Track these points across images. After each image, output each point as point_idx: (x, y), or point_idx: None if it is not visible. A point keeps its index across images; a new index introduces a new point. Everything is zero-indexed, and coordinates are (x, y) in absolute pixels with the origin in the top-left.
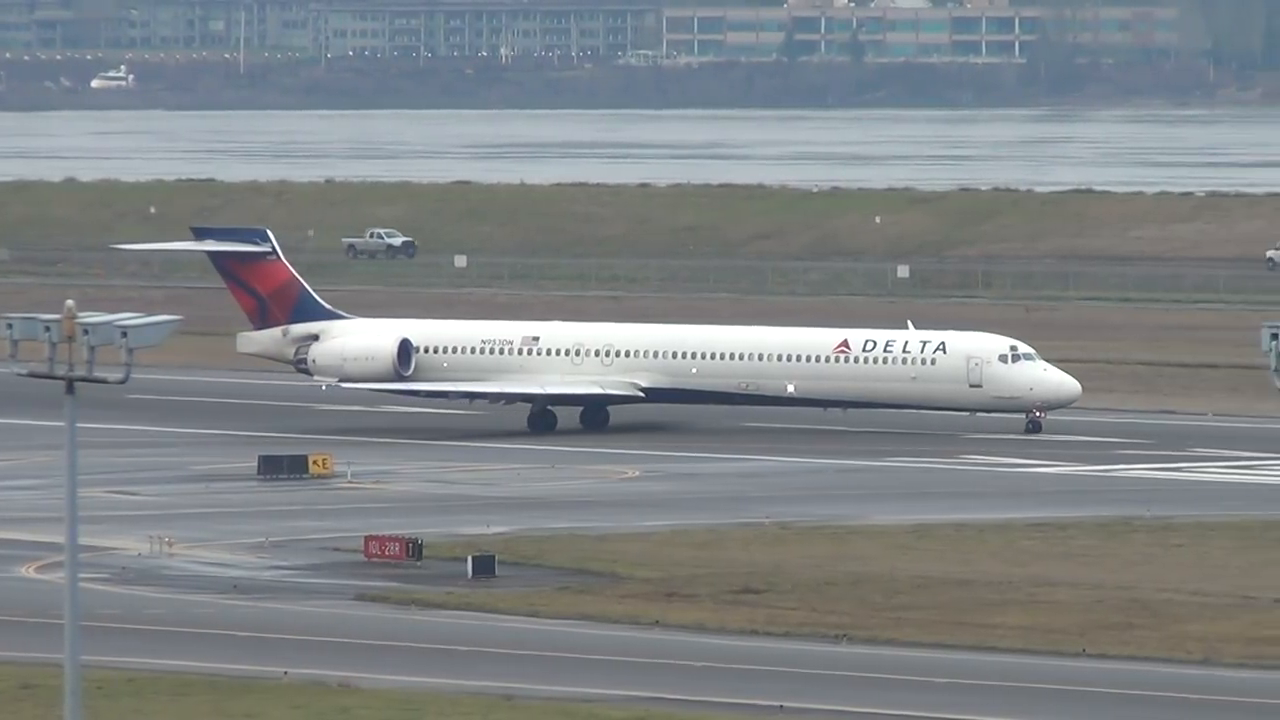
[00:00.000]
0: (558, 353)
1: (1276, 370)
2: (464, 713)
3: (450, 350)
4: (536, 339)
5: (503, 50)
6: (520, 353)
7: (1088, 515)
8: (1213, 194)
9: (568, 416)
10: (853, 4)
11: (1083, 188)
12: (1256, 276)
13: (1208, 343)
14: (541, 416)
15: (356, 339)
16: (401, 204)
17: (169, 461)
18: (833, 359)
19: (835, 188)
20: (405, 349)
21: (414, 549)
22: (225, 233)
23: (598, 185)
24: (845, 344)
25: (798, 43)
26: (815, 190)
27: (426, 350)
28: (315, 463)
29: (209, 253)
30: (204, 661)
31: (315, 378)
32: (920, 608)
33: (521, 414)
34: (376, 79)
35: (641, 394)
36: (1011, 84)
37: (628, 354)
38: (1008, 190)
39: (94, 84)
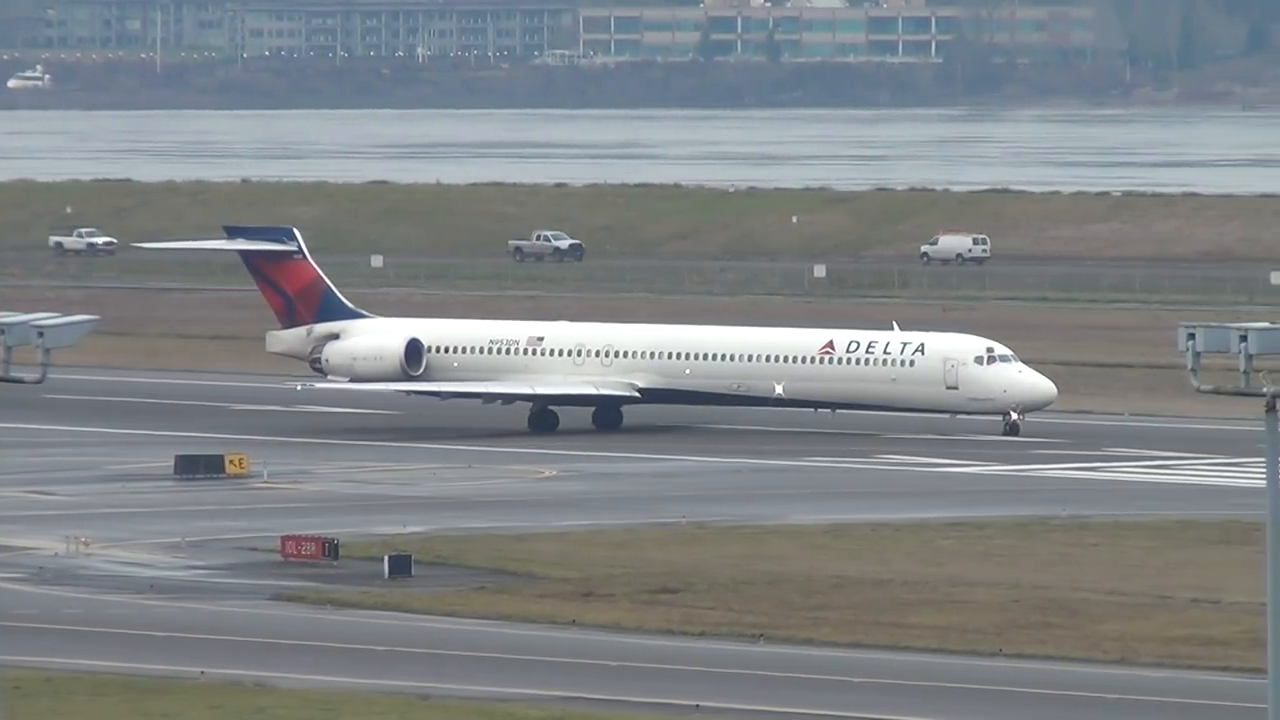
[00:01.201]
0: (561, 353)
1: (1193, 370)
2: (381, 712)
3: (459, 350)
4: (541, 339)
5: (419, 50)
6: (525, 353)
7: (1004, 515)
8: (1128, 194)
9: (581, 417)
10: (769, 4)
11: (999, 187)
12: (1173, 276)
13: (1124, 342)
14: (542, 416)
15: (366, 339)
16: (318, 204)
17: (86, 461)
18: (818, 360)
19: (752, 188)
20: (414, 349)
21: (330, 549)
22: (255, 231)
23: (514, 185)
24: (830, 345)
25: (714, 42)
26: (732, 190)
27: (436, 350)
28: (232, 463)
29: (239, 252)
30: (121, 661)
31: (329, 377)
32: (837, 607)
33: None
34: (293, 79)
35: (638, 395)
36: (928, 84)
37: (626, 354)
38: (924, 190)
39: (10, 84)
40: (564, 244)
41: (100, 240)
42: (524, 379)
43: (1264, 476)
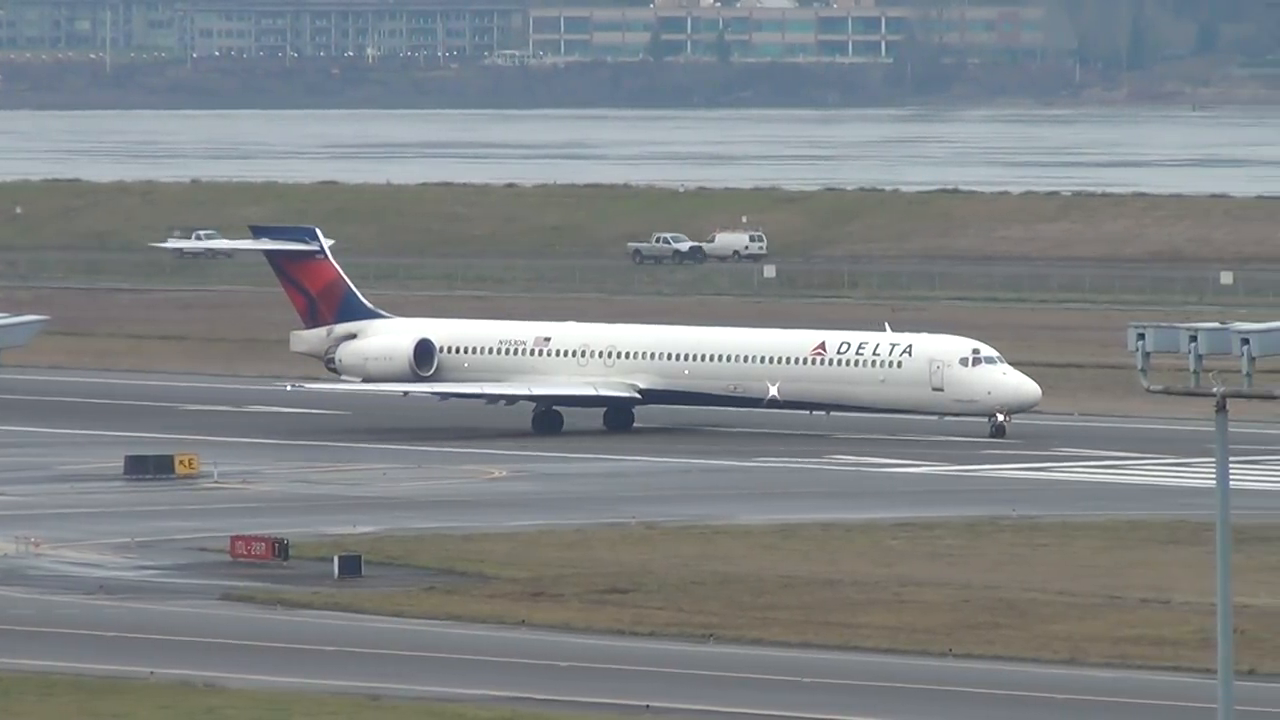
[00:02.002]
0: (567, 354)
1: (1143, 370)
2: (331, 712)
3: (470, 350)
4: (548, 340)
5: (369, 50)
6: (533, 354)
7: (954, 515)
8: (1078, 194)
9: (593, 418)
10: (719, 4)
11: (949, 188)
12: (1123, 276)
13: (1074, 342)
14: (546, 417)
15: (378, 339)
16: (268, 204)
17: (35, 461)
18: (810, 361)
19: (702, 188)
20: (424, 349)
21: (280, 549)
22: (279, 231)
23: (464, 185)
24: (822, 346)
25: (664, 43)
26: (682, 190)
27: (447, 350)
28: (181, 463)
29: (265, 252)
30: (70, 662)
31: (343, 377)
32: (787, 607)
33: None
34: (242, 79)
35: (639, 396)
36: (878, 84)
37: (628, 355)
38: (874, 190)
39: None
40: (684, 246)
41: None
42: (529, 380)
43: (1213, 476)
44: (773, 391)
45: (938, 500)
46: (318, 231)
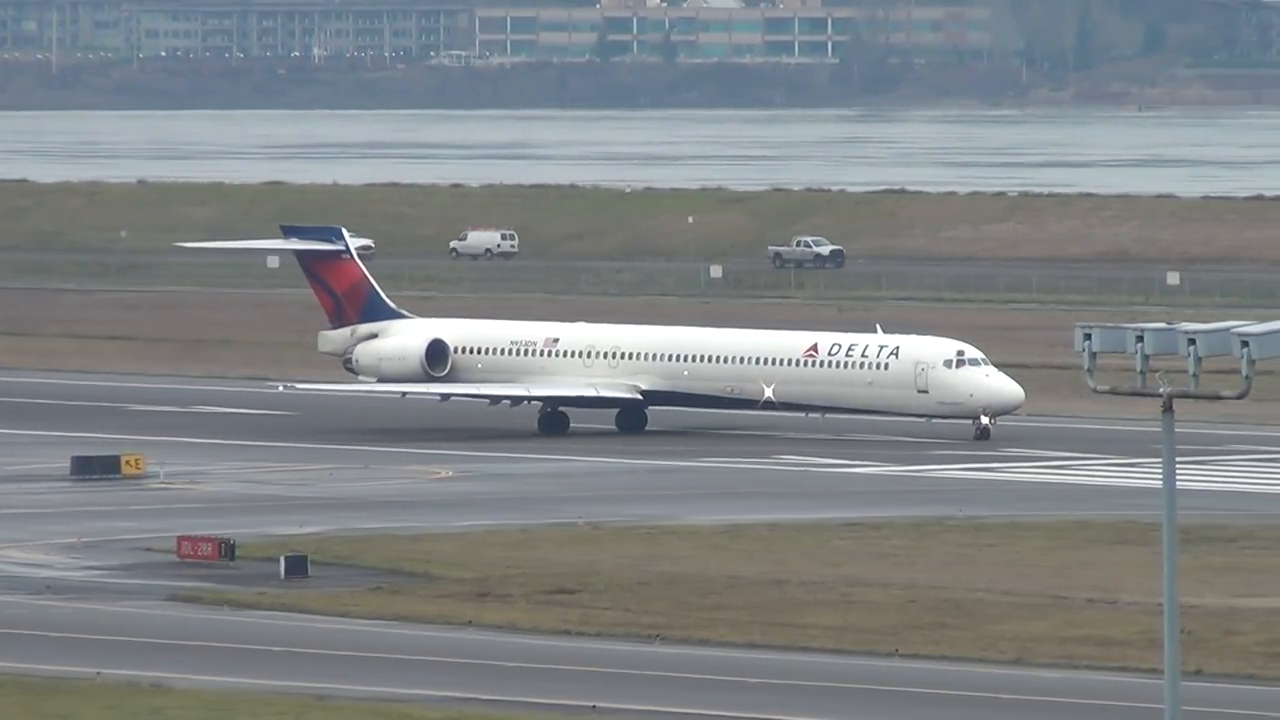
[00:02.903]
0: (574, 355)
1: (1089, 370)
2: (277, 713)
3: (482, 351)
4: (556, 340)
5: (315, 50)
6: (542, 354)
7: (900, 515)
8: (1025, 194)
9: (606, 418)
10: (665, 4)
11: (895, 188)
12: (1069, 276)
13: (1020, 342)
14: (552, 418)
15: (392, 340)
16: (213, 205)
17: None
18: (802, 363)
19: (648, 188)
20: (437, 349)
21: (227, 549)
22: (306, 231)
23: (410, 185)
24: (814, 348)
25: (610, 43)
26: (628, 190)
27: (461, 351)
28: (128, 463)
29: (293, 252)
30: (16, 662)
31: (360, 377)
32: (734, 608)
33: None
34: (189, 79)
35: (640, 397)
36: (824, 84)
37: (631, 356)
38: (820, 190)
39: None
40: (825, 250)
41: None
42: (536, 381)
43: (1160, 477)
44: (768, 393)
45: (885, 500)
46: (343, 231)
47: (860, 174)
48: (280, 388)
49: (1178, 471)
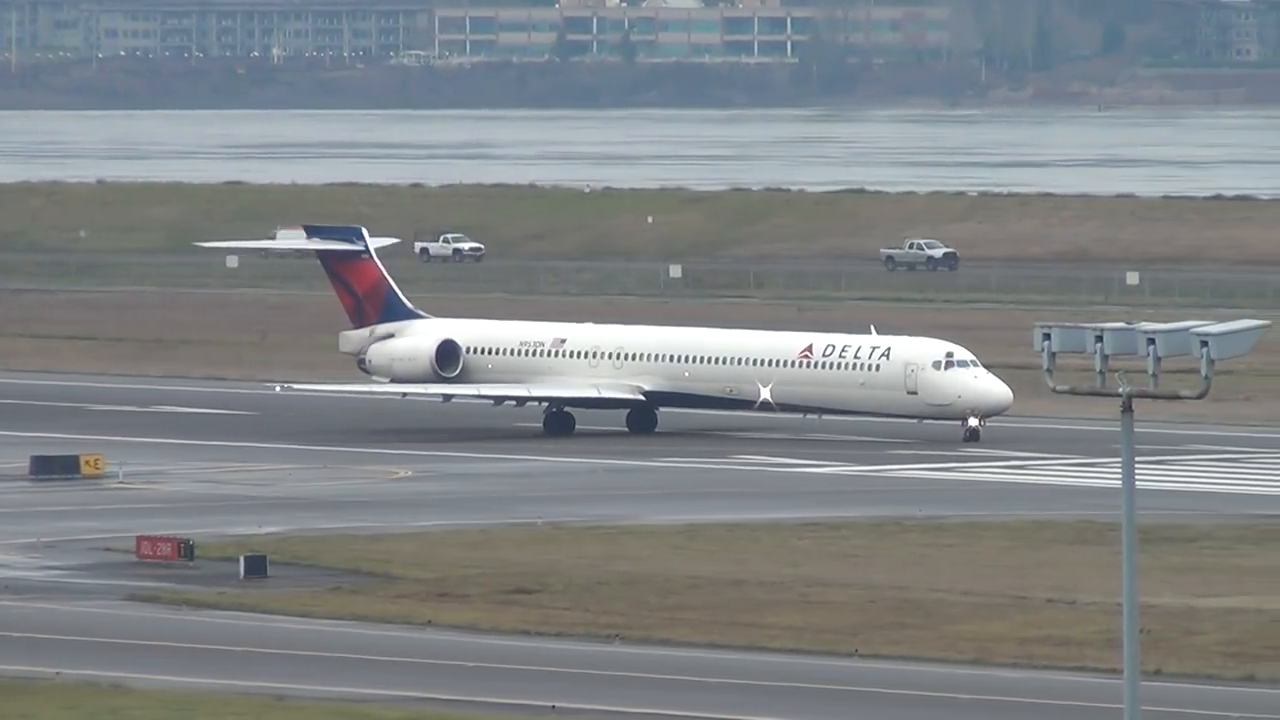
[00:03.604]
0: (581, 355)
1: (1048, 370)
2: (236, 713)
3: (492, 351)
4: (564, 341)
5: (274, 51)
6: (549, 355)
7: (860, 515)
8: (985, 194)
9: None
10: (624, 4)
11: (855, 187)
12: (1029, 276)
13: (980, 342)
14: (557, 418)
15: (404, 340)
16: (174, 204)
17: None
18: (798, 364)
19: (608, 188)
20: (448, 350)
21: (186, 549)
22: (328, 231)
23: (370, 185)
24: (809, 349)
25: (570, 43)
26: (588, 190)
27: (472, 351)
28: (87, 463)
29: (316, 252)
30: None
31: (373, 378)
32: (693, 608)
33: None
34: (148, 79)
35: (642, 398)
36: (783, 84)
37: (634, 357)
38: (780, 190)
39: None
40: (938, 253)
41: (466, 246)
42: (542, 381)
43: (1119, 477)
44: (764, 394)
45: (844, 500)
46: (364, 231)
47: (820, 174)
48: (278, 388)
49: (1137, 471)
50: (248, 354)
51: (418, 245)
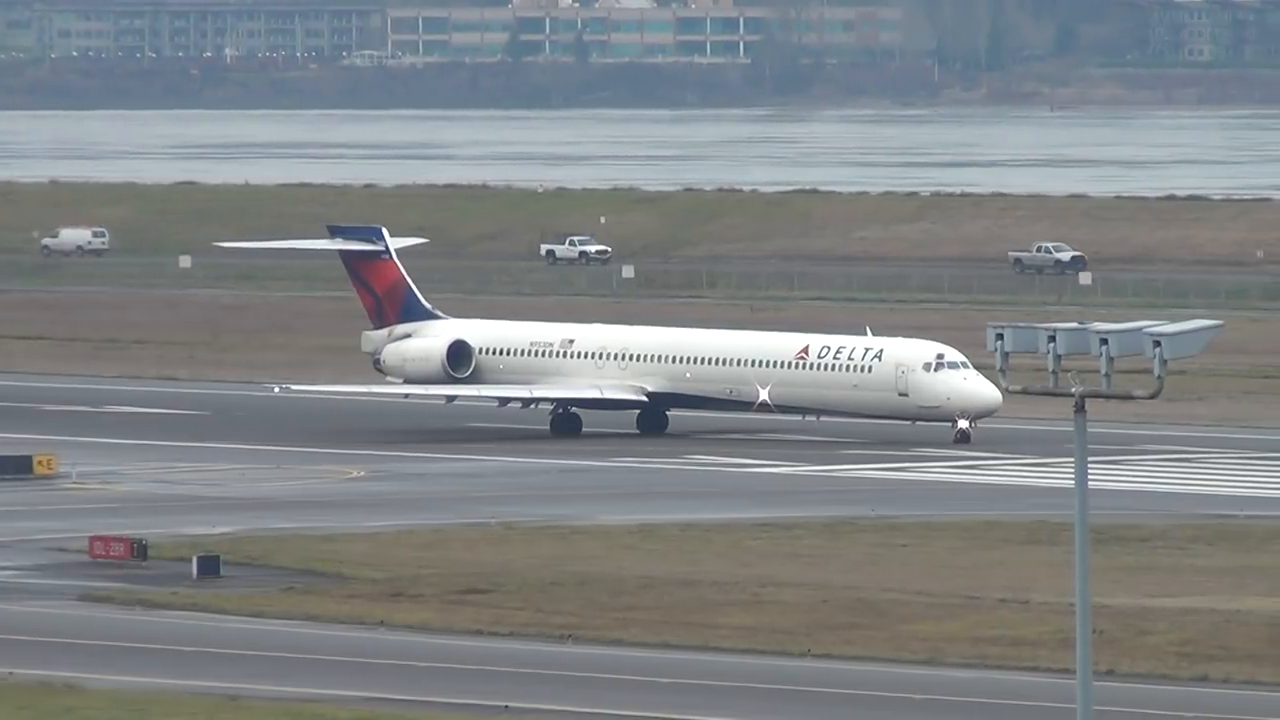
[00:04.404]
0: (588, 356)
1: (1001, 370)
2: (189, 713)
3: (503, 352)
4: (572, 342)
5: (227, 51)
6: (558, 356)
7: (813, 515)
8: (937, 194)
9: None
10: (577, 4)
11: (807, 188)
12: (981, 276)
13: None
14: (564, 419)
15: (417, 340)
16: (127, 204)
17: None
18: (794, 365)
19: (561, 188)
20: (459, 351)
21: (139, 549)
22: (350, 230)
23: (323, 185)
24: (805, 350)
25: (522, 43)
26: (540, 190)
27: (484, 352)
28: (40, 463)
29: (339, 252)
30: None
31: (388, 378)
32: (646, 608)
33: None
34: (101, 79)
35: (645, 399)
36: (736, 84)
37: (638, 358)
38: (732, 190)
39: None
40: (1065, 256)
41: (593, 248)
42: (550, 382)
43: (1072, 477)
44: (763, 395)
45: (797, 500)
46: (384, 231)
47: (772, 174)
48: (276, 389)
49: (1090, 471)
50: (201, 354)
51: (543, 248)
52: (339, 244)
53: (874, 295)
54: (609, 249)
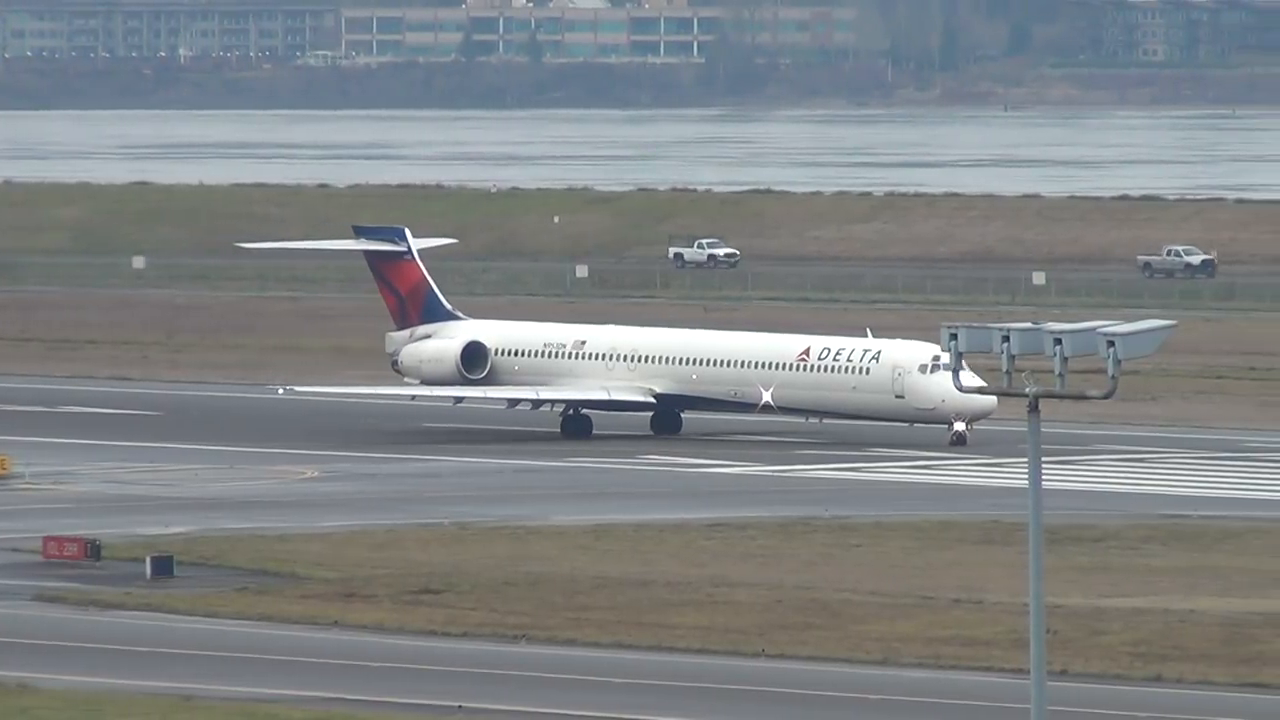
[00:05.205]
0: (598, 357)
1: (954, 370)
2: (144, 713)
3: (518, 353)
4: (584, 343)
5: (181, 51)
6: (570, 357)
7: (766, 515)
8: (891, 194)
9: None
10: (531, 4)
11: (761, 188)
12: (935, 276)
13: None
14: (574, 420)
15: (433, 342)
16: (80, 204)
17: None
18: (795, 367)
19: (514, 188)
20: (474, 352)
21: (93, 549)
22: (373, 231)
23: (276, 186)
24: (806, 352)
25: (476, 43)
26: (494, 190)
27: (500, 353)
28: None
29: (363, 253)
30: None
31: (405, 380)
32: (599, 608)
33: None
34: (55, 79)
35: (654, 400)
36: (690, 84)
37: (647, 360)
38: (686, 190)
39: None
40: (1196, 259)
41: (722, 251)
42: (560, 383)
43: (1026, 477)
44: (766, 397)
45: (750, 501)
46: (406, 232)
47: (726, 174)
48: (280, 390)
49: (1044, 471)
50: (155, 354)
51: (671, 251)
52: (362, 244)
53: (827, 295)
54: (738, 252)
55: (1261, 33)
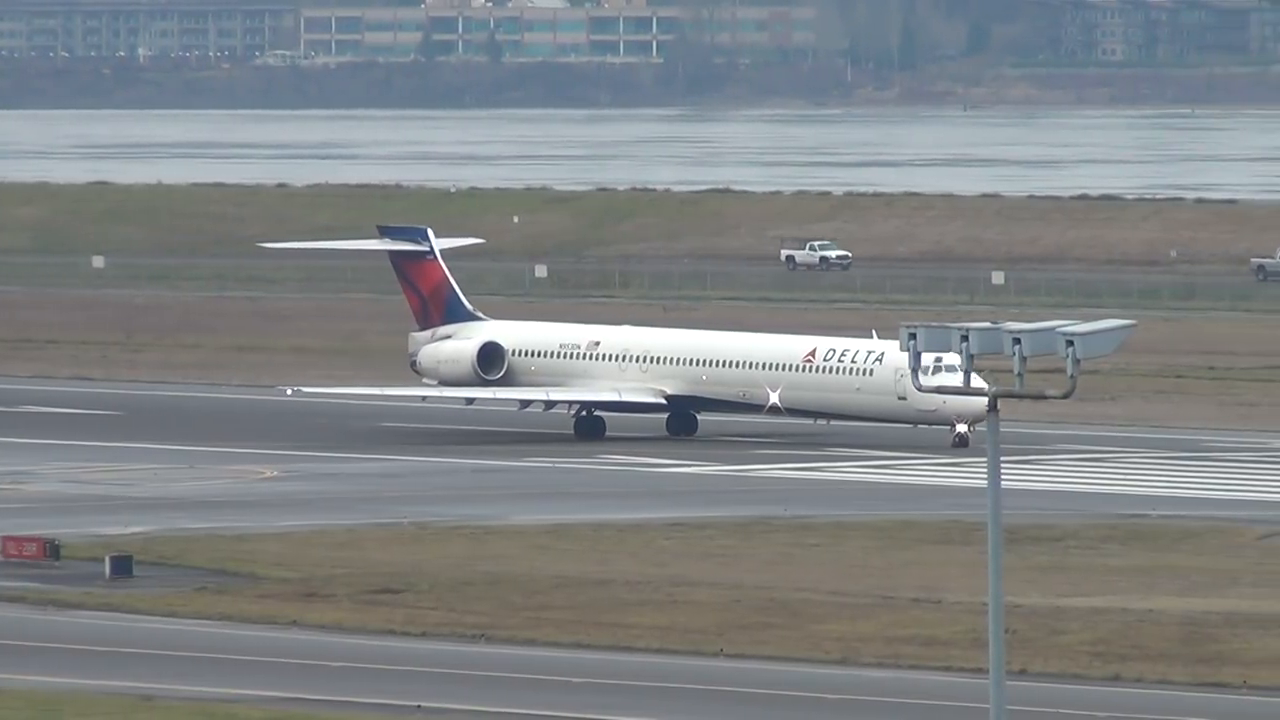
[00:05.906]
0: (612, 358)
1: (914, 370)
2: (104, 713)
3: (534, 354)
4: (598, 344)
5: (140, 50)
6: (585, 357)
7: (725, 515)
8: (850, 194)
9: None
10: (490, 4)
11: (720, 187)
12: (894, 276)
13: None
14: (587, 422)
15: (450, 343)
16: (39, 204)
17: None
18: (801, 368)
19: (473, 188)
20: (490, 353)
21: (51, 549)
22: (397, 231)
23: (235, 185)
24: (812, 353)
25: (435, 43)
26: (453, 190)
27: (517, 354)
28: None
29: (387, 253)
30: None
31: (424, 380)
32: (559, 607)
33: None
34: (14, 79)
35: (664, 401)
36: (649, 84)
37: (659, 361)
38: (645, 190)
39: None
40: (832, 254)
41: (834, 254)
42: (574, 384)
43: (985, 476)
44: (773, 398)
45: (709, 500)
46: (429, 232)
47: (685, 173)
48: (289, 392)
49: (1003, 471)
50: (114, 354)
51: (783, 253)
52: (385, 244)
53: (787, 295)
54: (849, 254)
55: (1220, 32)
